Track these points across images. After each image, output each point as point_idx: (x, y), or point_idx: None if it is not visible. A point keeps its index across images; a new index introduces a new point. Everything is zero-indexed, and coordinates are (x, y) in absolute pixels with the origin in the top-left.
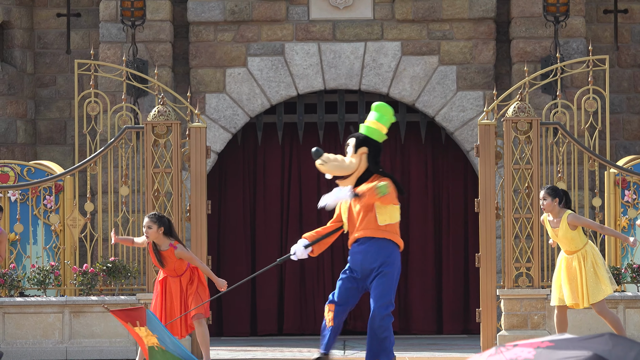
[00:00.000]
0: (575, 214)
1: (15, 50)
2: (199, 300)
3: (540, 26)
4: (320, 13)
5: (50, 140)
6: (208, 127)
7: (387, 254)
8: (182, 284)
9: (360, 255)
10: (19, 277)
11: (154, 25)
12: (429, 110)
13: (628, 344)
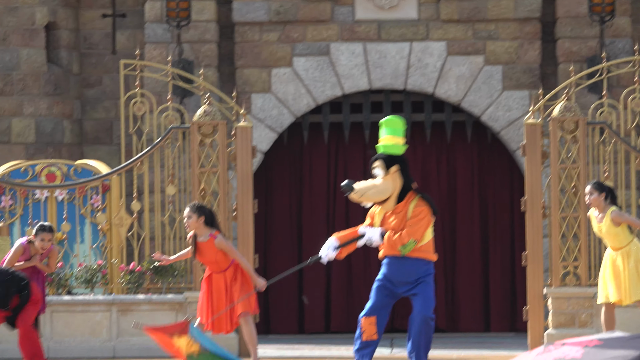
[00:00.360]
0: (619, 210)
1: (61, 50)
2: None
3: (585, 26)
4: (366, 13)
5: (97, 140)
6: (254, 126)
7: (424, 271)
8: (227, 280)
9: (395, 267)
10: (66, 276)
11: (200, 26)
12: (475, 110)
13: None
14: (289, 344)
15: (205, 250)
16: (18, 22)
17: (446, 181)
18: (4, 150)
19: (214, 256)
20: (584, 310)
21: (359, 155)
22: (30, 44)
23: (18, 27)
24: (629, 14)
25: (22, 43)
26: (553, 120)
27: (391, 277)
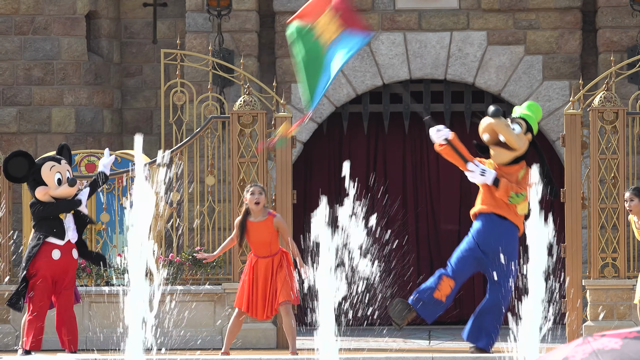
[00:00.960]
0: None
1: (102, 40)
2: (288, 285)
3: (626, 15)
4: (406, 3)
5: (137, 129)
6: (294, 116)
7: (511, 237)
8: (274, 265)
9: (488, 228)
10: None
11: (240, 15)
12: (515, 100)
13: None
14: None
15: (260, 230)
16: (59, 11)
17: None
18: (44, 140)
19: (269, 236)
20: (622, 302)
21: (398, 145)
22: (71, 33)
23: (59, 16)
24: None
25: (63, 32)
26: (593, 111)
27: (480, 241)
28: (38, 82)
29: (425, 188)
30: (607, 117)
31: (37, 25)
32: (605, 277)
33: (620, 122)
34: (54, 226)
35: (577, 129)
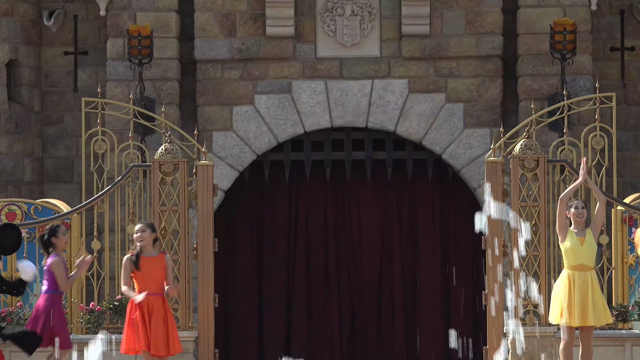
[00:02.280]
0: None
1: (22, 88)
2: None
3: (547, 64)
4: (328, 51)
5: (57, 178)
6: (215, 165)
7: None
8: (165, 301)
9: None
10: (25, 315)
11: (161, 63)
12: (436, 147)
13: None
14: None
15: (152, 266)
16: None
17: (407, 219)
18: None
19: (160, 272)
20: (543, 349)
21: (320, 193)
22: None
23: None
24: (590, 52)
25: None
26: (514, 158)
27: None
28: None
29: (347, 236)
30: (528, 165)
31: None
32: (526, 325)
33: (541, 170)
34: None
35: (498, 176)
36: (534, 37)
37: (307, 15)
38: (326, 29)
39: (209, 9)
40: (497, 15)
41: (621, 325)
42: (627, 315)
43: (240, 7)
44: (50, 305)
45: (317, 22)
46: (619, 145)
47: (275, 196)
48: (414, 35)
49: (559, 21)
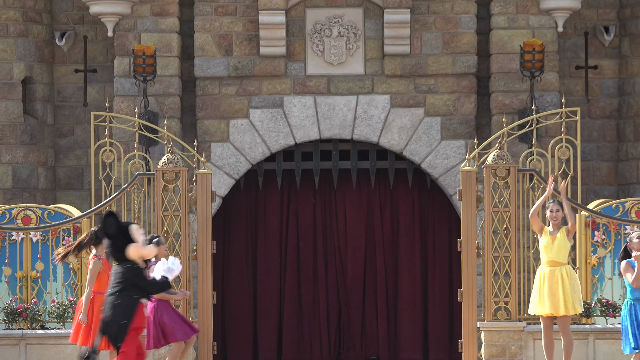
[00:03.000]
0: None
1: (36, 103)
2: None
3: (517, 81)
4: (316, 69)
5: (69, 185)
6: (213, 173)
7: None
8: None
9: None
10: (40, 311)
11: (164, 80)
12: (416, 158)
13: None
14: None
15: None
16: None
17: (389, 223)
18: None
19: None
20: (513, 342)
21: (309, 199)
22: (8, 97)
23: None
24: (557, 70)
25: (1, 96)
26: (487, 168)
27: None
28: None
29: (334, 238)
30: (500, 174)
31: None
32: (498, 320)
33: (512, 178)
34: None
35: (472, 184)
36: (505, 57)
37: (297, 36)
38: (315, 48)
39: (208, 31)
40: (472, 36)
41: (585, 320)
42: (590, 312)
43: (236, 29)
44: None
45: (306, 42)
46: (583, 155)
47: (268, 202)
48: (395, 54)
49: (528, 42)
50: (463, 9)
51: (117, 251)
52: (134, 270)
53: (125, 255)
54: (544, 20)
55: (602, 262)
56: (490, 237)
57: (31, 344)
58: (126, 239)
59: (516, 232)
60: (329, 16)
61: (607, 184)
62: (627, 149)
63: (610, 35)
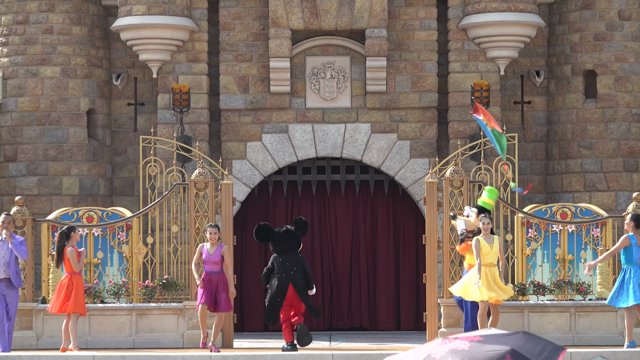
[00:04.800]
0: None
1: (98, 129)
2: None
3: (469, 113)
4: (314, 103)
5: (122, 192)
6: (234, 183)
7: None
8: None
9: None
10: (100, 289)
11: (196, 111)
12: (390, 172)
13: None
14: (257, 339)
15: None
16: (67, 108)
17: (370, 222)
18: (57, 200)
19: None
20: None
21: (308, 203)
22: (76, 124)
23: (67, 112)
24: (499, 105)
25: (70, 123)
26: (445, 180)
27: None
28: (53, 159)
29: (327, 236)
30: (455, 184)
31: (52, 119)
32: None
33: (465, 188)
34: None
35: (434, 192)
36: (459, 94)
37: (299, 78)
38: (312, 87)
39: (230, 73)
40: (434, 78)
41: (521, 297)
42: (525, 291)
43: (252, 72)
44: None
45: (306, 82)
46: (520, 170)
47: (277, 206)
48: (375, 92)
49: (478, 83)
50: (427, 57)
51: (298, 245)
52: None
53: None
54: (490, 66)
55: (534, 253)
56: (447, 234)
57: (93, 315)
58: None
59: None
60: (324, 62)
61: (538, 193)
62: (554, 166)
63: (540, 78)
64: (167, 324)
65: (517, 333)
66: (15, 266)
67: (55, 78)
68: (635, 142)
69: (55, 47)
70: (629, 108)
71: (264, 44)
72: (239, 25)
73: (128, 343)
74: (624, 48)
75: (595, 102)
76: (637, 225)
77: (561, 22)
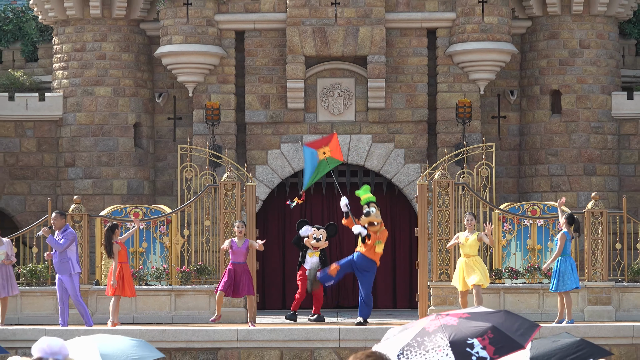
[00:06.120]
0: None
1: (143, 139)
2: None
3: (454, 125)
4: (324, 117)
5: (163, 192)
6: (257, 185)
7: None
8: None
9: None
10: (144, 274)
11: (225, 124)
12: (389, 175)
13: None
14: (277, 315)
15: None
16: (117, 122)
17: None
18: (108, 199)
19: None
20: (451, 295)
21: (319, 202)
22: (124, 135)
23: (117, 125)
24: (479, 119)
25: (120, 134)
26: (434, 182)
27: (357, 262)
28: (105, 164)
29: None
30: (443, 186)
31: (104, 131)
32: (441, 280)
33: (451, 189)
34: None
35: (425, 193)
36: (446, 110)
37: (311, 96)
38: (323, 104)
39: (253, 93)
40: (424, 96)
41: (498, 281)
42: (501, 275)
43: (272, 92)
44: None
45: (317, 100)
46: (497, 174)
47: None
48: (375, 108)
49: (461, 100)
50: (419, 79)
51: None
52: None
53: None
54: (471, 87)
55: (509, 243)
56: (436, 227)
57: (139, 295)
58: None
59: (453, 223)
60: (332, 83)
61: (512, 193)
62: (525, 170)
63: (514, 96)
64: (200, 303)
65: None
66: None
67: (107, 96)
68: (594, 151)
69: (107, 70)
70: (588, 122)
71: (282, 68)
72: (261, 52)
73: (168, 319)
74: (584, 71)
75: (560, 116)
76: (570, 223)
77: (531, 49)
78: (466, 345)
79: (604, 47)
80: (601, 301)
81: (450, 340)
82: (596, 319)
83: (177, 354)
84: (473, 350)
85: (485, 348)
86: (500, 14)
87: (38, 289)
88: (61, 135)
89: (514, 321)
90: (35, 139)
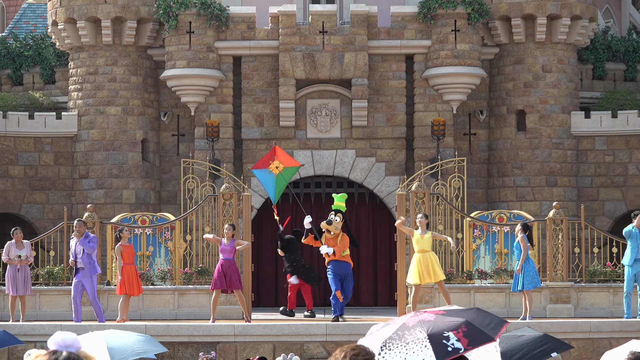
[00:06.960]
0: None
1: (149, 153)
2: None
3: (430, 141)
4: (312, 134)
5: (168, 202)
6: (252, 195)
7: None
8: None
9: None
10: (151, 275)
11: (224, 140)
12: (371, 186)
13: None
14: (270, 313)
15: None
16: (126, 138)
17: (355, 224)
18: (118, 207)
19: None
20: (427, 294)
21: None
22: (133, 150)
23: (126, 140)
24: (452, 136)
25: (129, 149)
26: (412, 192)
27: (336, 269)
28: (115, 176)
29: None
30: (419, 196)
31: (115, 146)
32: None
33: (426, 198)
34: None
35: (403, 202)
36: (423, 128)
37: (301, 115)
38: (312, 122)
39: (249, 112)
40: (403, 115)
41: (468, 281)
42: (471, 276)
43: (266, 111)
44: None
45: (307, 119)
46: (468, 185)
47: (284, 212)
48: (359, 126)
49: (436, 119)
50: (398, 100)
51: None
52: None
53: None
54: (445, 107)
55: (478, 247)
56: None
57: (145, 294)
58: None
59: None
60: (320, 104)
61: (481, 202)
62: (493, 182)
63: (483, 116)
64: (201, 301)
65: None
66: (88, 258)
67: (117, 115)
68: (555, 164)
69: (118, 92)
70: (550, 138)
71: (275, 90)
72: (256, 75)
73: (172, 315)
74: (546, 93)
75: (525, 134)
76: (524, 230)
77: (499, 73)
78: (443, 337)
79: (564, 71)
80: (561, 299)
81: (428, 334)
82: (557, 315)
83: (180, 347)
84: (449, 342)
85: (460, 340)
86: (471, 42)
87: (55, 289)
88: (76, 150)
89: (485, 317)
90: (52, 154)
